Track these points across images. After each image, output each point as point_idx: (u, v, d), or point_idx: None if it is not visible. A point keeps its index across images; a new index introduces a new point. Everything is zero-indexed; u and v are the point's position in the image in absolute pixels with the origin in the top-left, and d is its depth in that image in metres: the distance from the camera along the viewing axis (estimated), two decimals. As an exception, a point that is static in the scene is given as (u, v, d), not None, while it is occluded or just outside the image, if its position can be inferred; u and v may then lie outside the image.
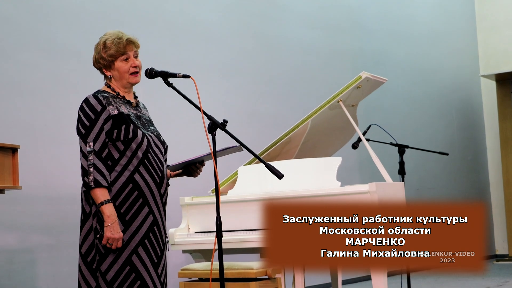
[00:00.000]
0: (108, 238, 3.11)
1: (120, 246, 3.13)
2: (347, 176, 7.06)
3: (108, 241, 3.11)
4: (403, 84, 9.24)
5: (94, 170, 3.13)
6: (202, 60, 6.72)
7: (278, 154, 4.97)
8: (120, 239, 3.13)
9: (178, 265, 5.92)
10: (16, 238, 5.18)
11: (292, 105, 7.52)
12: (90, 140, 3.17)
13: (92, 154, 3.15)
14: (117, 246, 3.13)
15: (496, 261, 9.82)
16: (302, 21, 7.93)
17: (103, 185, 3.13)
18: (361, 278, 7.99)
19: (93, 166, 3.13)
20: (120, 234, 3.13)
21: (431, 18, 10.06)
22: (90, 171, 3.13)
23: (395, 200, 4.40)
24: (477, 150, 10.58)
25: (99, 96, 3.25)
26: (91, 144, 3.17)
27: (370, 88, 4.93)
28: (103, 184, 3.13)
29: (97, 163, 3.14)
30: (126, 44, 3.31)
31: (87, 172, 3.14)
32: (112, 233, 3.11)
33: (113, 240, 3.12)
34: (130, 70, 3.32)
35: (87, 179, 3.13)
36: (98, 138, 3.18)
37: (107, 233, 3.11)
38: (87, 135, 3.18)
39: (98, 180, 3.12)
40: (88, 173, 3.13)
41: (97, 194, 3.12)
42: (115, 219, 3.12)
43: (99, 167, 3.14)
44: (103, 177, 3.13)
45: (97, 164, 3.14)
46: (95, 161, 3.14)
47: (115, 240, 3.12)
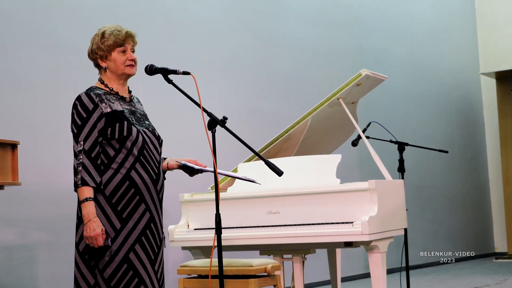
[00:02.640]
0: (86, 238, 3.10)
1: (101, 244, 3.10)
2: (346, 173, 7.07)
3: (88, 240, 3.10)
4: (403, 82, 9.25)
5: (82, 169, 3.12)
6: (202, 57, 6.72)
7: (278, 151, 4.97)
8: (98, 236, 3.08)
9: (177, 262, 5.93)
10: (16, 234, 5.18)
11: (292, 102, 7.52)
12: (81, 139, 3.17)
13: (82, 153, 3.15)
14: (98, 245, 3.09)
15: (495, 259, 9.82)
16: (302, 19, 7.92)
17: (89, 185, 3.12)
18: (360, 275, 8.00)
19: (81, 165, 3.13)
20: (96, 232, 3.08)
21: (431, 15, 10.06)
22: (79, 170, 3.13)
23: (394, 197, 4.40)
24: (476, 148, 10.58)
25: (92, 94, 3.24)
26: (81, 143, 3.16)
27: (370, 85, 4.94)
28: (90, 184, 3.11)
29: (86, 162, 3.14)
30: (125, 36, 3.32)
31: (76, 171, 3.14)
32: (87, 231, 3.08)
33: (91, 238, 3.09)
34: (127, 63, 3.32)
35: (75, 178, 3.13)
36: (88, 137, 3.17)
37: (84, 232, 3.10)
38: (78, 134, 3.18)
39: (85, 180, 3.11)
40: (76, 172, 3.13)
41: (80, 192, 3.12)
42: (91, 217, 3.09)
43: (87, 167, 3.13)
44: (91, 177, 3.12)
45: (86, 164, 3.13)
46: (84, 160, 3.14)
47: (93, 238, 3.08)
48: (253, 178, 3.72)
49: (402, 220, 4.46)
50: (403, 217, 4.47)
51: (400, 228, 4.41)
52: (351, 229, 4.03)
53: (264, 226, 4.32)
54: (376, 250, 4.11)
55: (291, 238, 4.20)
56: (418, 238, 8.96)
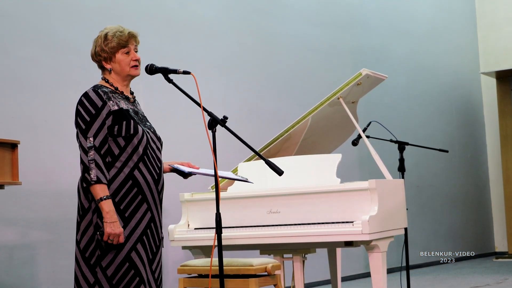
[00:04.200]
0: (109, 234, 3.11)
1: (122, 241, 3.14)
2: (347, 172, 7.08)
3: (109, 237, 3.12)
4: (403, 81, 9.25)
5: (95, 167, 3.13)
6: (202, 56, 6.72)
7: (278, 150, 4.97)
8: (121, 234, 3.13)
9: (177, 261, 5.93)
10: (16, 233, 5.18)
11: (292, 102, 7.52)
12: (91, 135, 3.17)
13: (93, 150, 3.15)
14: (119, 242, 3.13)
15: (496, 259, 9.82)
16: (303, 18, 7.92)
17: (103, 181, 3.13)
18: (360, 275, 8.00)
19: (94, 162, 3.13)
20: (120, 229, 3.13)
21: (432, 15, 10.06)
22: (91, 167, 3.13)
23: (394, 197, 4.40)
24: (477, 147, 10.59)
25: (99, 91, 3.25)
26: (91, 139, 3.16)
27: (370, 85, 4.94)
28: (103, 181, 3.13)
29: (97, 159, 3.14)
30: (128, 37, 3.33)
31: (87, 168, 3.13)
32: (112, 229, 3.11)
33: (114, 235, 3.12)
34: (131, 63, 3.33)
35: (87, 175, 3.12)
36: (98, 133, 3.17)
37: (107, 229, 3.11)
38: (87, 130, 3.18)
39: (98, 177, 3.12)
40: (89, 169, 3.13)
41: (97, 190, 3.12)
42: (114, 215, 3.12)
43: (99, 164, 3.14)
44: (103, 174, 3.14)
45: (97, 160, 3.14)
46: (95, 157, 3.14)
47: (116, 235, 3.12)
48: (245, 177, 3.74)
49: (402, 219, 4.46)
50: (403, 216, 4.47)
51: (400, 227, 4.41)
52: (351, 229, 4.03)
53: (264, 225, 4.32)
54: (376, 249, 4.11)
55: (291, 238, 4.20)
56: (418, 238, 8.96)
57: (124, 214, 3.18)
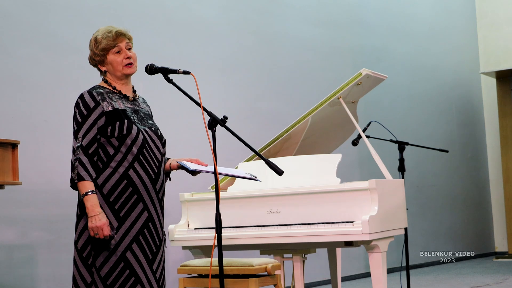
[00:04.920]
0: (92, 228, 3.10)
1: (106, 234, 3.11)
2: (347, 172, 7.08)
3: (93, 231, 3.11)
4: (403, 81, 9.25)
5: (79, 165, 3.14)
6: (202, 56, 6.72)
7: (278, 150, 4.97)
8: (103, 226, 3.09)
9: (177, 261, 5.93)
10: (16, 234, 5.18)
11: (292, 102, 7.52)
12: (80, 135, 3.19)
13: (79, 149, 3.17)
14: (104, 235, 3.10)
15: (496, 259, 9.82)
16: (302, 18, 7.92)
17: (85, 179, 3.13)
18: (360, 275, 8.00)
19: (78, 161, 3.15)
20: (102, 221, 3.10)
21: (432, 15, 10.06)
22: (75, 165, 3.15)
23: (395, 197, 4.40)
24: (477, 147, 10.58)
25: (94, 92, 3.26)
26: (80, 139, 3.18)
27: (370, 85, 4.94)
28: (86, 178, 3.13)
29: (82, 158, 3.15)
30: (116, 36, 3.31)
31: (72, 167, 3.16)
32: (93, 222, 3.09)
33: (97, 229, 3.10)
34: (124, 62, 3.32)
35: (72, 174, 3.15)
36: (87, 134, 3.19)
37: (89, 223, 3.10)
38: (78, 131, 3.20)
39: (81, 175, 3.13)
40: (73, 167, 3.15)
41: (80, 187, 3.14)
42: (96, 208, 3.11)
43: (83, 162, 3.15)
44: (87, 172, 3.14)
45: (82, 159, 3.15)
46: (80, 156, 3.16)
47: (99, 228, 3.09)
48: (254, 175, 3.71)
49: (403, 219, 4.46)
50: (403, 216, 4.47)
51: (401, 227, 4.41)
52: (351, 229, 4.03)
53: (264, 225, 4.32)
54: (376, 249, 4.11)
55: (291, 238, 4.20)
56: (418, 238, 8.96)
57: (119, 214, 3.17)
